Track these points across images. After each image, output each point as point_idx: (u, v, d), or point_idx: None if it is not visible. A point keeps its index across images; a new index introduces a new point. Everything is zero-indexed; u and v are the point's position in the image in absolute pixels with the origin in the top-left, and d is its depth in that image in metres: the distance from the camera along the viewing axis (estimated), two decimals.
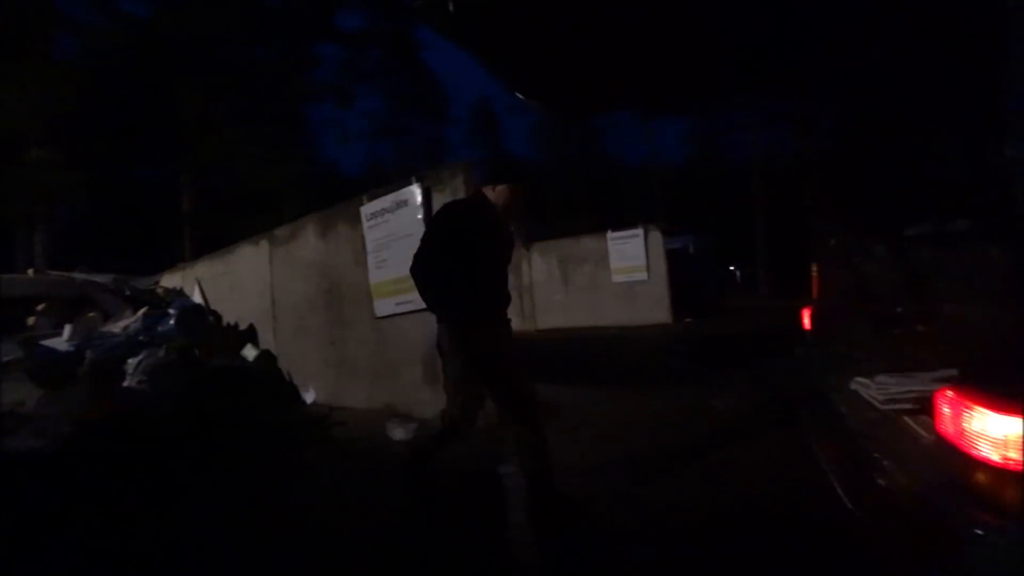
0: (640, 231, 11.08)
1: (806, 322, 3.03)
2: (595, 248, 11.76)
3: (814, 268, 3.14)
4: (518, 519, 2.63)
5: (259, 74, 15.34)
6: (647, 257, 10.97)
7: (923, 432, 1.57)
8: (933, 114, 2.46)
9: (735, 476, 2.94)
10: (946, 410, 1.17)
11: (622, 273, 11.30)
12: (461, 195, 4.78)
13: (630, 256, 11.16)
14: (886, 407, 1.80)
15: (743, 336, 8.53)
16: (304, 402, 5.47)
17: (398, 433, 4.25)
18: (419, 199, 4.97)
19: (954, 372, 1.89)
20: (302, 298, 6.14)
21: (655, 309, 10.91)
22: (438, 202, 4.94)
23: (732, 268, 27.83)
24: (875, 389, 1.90)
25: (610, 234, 11.46)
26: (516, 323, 13.36)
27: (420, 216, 4.95)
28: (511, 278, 2.68)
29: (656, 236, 11.00)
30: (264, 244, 6.73)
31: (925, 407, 1.70)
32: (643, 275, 11.02)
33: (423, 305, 2.65)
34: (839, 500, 1.82)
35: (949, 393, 1.15)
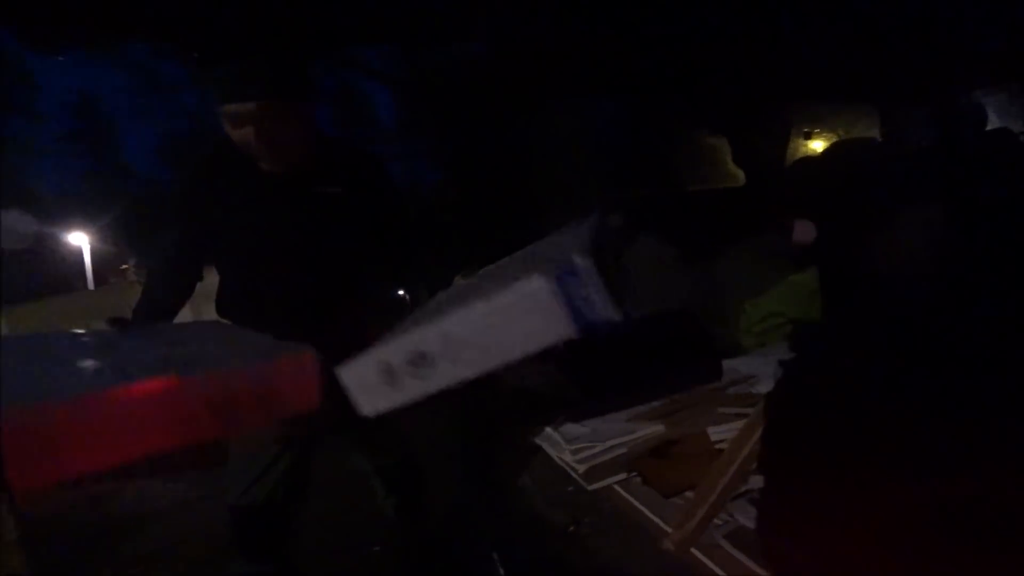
0: None
1: None
2: None
3: None
4: None
5: None
6: None
7: (662, 525, 1.09)
8: None
9: None
10: None
11: None
12: None
13: None
14: (594, 485, 1.30)
15: None
16: None
17: None
18: None
19: (655, 405, 1.55)
20: None
21: None
22: None
23: None
24: (569, 453, 1.39)
25: None
26: None
27: None
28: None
29: None
30: None
31: (639, 466, 1.29)
32: None
33: None
34: None
35: None
